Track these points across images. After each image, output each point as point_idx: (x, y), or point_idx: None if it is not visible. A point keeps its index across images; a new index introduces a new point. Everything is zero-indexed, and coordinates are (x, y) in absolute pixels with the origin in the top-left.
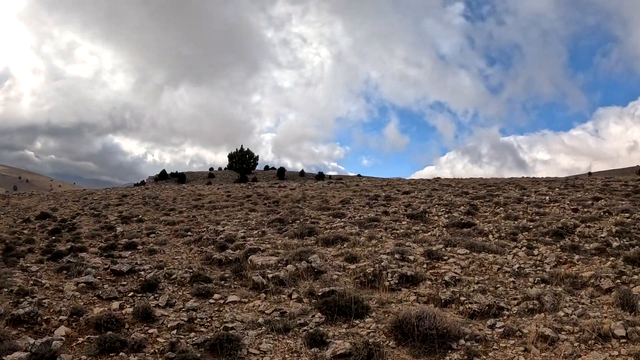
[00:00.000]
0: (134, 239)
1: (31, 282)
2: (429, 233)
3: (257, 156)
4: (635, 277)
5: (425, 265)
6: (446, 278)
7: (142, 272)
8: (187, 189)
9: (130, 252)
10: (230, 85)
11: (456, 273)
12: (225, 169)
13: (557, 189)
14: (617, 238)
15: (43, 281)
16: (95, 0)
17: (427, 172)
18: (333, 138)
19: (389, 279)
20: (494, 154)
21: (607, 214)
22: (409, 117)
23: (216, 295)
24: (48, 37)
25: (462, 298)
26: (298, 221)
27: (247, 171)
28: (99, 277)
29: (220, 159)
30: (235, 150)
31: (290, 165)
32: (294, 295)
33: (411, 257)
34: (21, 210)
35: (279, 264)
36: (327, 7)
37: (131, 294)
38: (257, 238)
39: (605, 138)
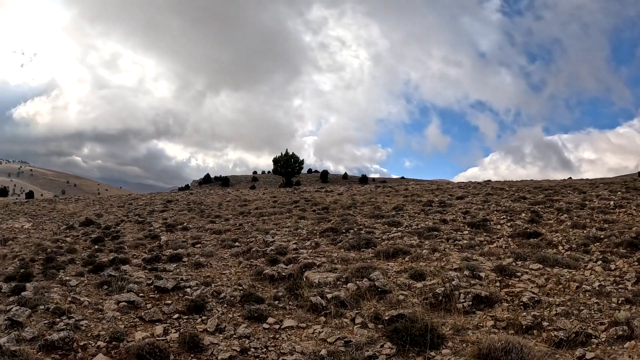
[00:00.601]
0: (179, 249)
1: (69, 298)
2: (495, 244)
3: (302, 160)
4: None
5: (497, 283)
6: (524, 299)
7: (188, 290)
8: (232, 194)
9: (175, 265)
10: (271, 90)
11: (534, 293)
12: (269, 172)
13: (619, 193)
14: None
15: (82, 298)
16: (135, 11)
17: (470, 174)
18: (374, 140)
19: (462, 300)
20: (538, 153)
21: None
22: (450, 117)
23: (270, 319)
24: (92, 48)
25: (545, 323)
26: (352, 230)
27: (291, 175)
28: (141, 295)
29: (262, 162)
30: (280, 155)
31: (332, 168)
32: (358, 320)
33: (482, 274)
34: (66, 216)
35: (338, 282)
36: (363, 9)
37: (176, 315)
38: (310, 250)
39: None
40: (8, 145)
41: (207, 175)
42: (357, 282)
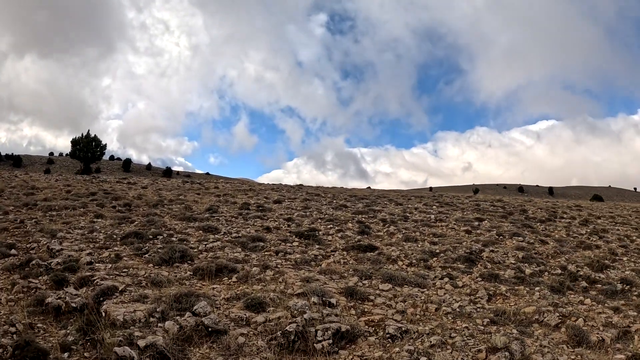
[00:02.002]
0: None
1: None
2: (331, 259)
3: (105, 145)
4: (570, 308)
5: (353, 311)
6: (390, 330)
7: None
8: (20, 178)
9: None
10: (81, 64)
11: (397, 321)
12: (66, 155)
13: (434, 207)
14: (526, 264)
15: None
16: None
17: (274, 176)
18: (182, 132)
19: (320, 339)
20: (338, 162)
21: (500, 237)
22: (260, 118)
23: None
24: None
25: (424, 359)
26: (161, 237)
27: (91, 160)
28: None
29: (61, 143)
30: (80, 136)
31: (135, 156)
32: None
33: (333, 300)
34: None
35: (152, 318)
36: None
37: None
38: (109, 265)
39: (443, 158)
40: None
41: None
42: (178, 318)
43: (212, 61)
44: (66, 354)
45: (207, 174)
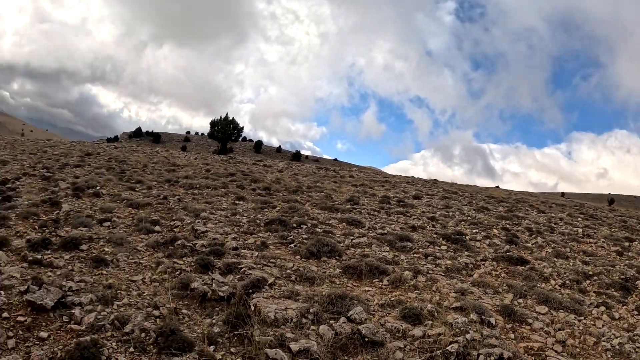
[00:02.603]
0: (80, 228)
1: None
2: (482, 269)
3: (242, 128)
4: None
5: (512, 335)
6: None
7: (77, 311)
8: (161, 154)
9: (68, 257)
10: (216, 52)
11: (557, 352)
12: (202, 134)
13: (579, 219)
14: None
15: None
16: None
17: (401, 166)
18: (311, 117)
19: None
20: (465, 156)
21: None
22: (388, 107)
23: None
24: None
25: None
26: (305, 226)
27: (227, 140)
28: (5, 316)
29: (196, 123)
30: (219, 118)
31: (265, 138)
32: None
33: (492, 320)
34: None
35: (304, 319)
36: None
37: None
38: (256, 253)
39: (577, 161)
40: None
41: (139, 129)
42: (333, 323)
43: (341, 50)
44: (212, 347)
45: (336, 160)
